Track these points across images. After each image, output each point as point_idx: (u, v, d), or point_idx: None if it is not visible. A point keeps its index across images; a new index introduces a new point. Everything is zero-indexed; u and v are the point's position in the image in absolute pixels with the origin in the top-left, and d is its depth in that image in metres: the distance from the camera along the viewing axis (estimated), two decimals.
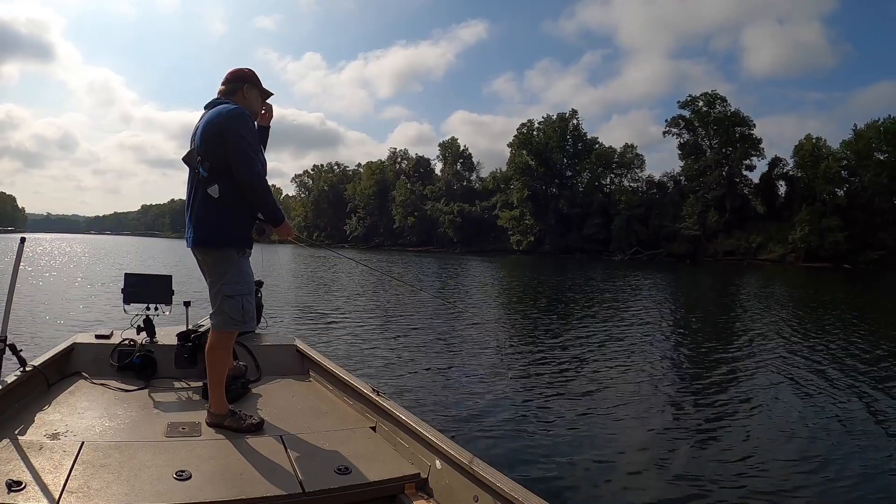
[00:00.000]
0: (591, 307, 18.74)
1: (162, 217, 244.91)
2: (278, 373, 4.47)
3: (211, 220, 3.26)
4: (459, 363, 9.38)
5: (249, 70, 3.62)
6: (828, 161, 65.90)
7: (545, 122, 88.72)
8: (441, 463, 2.81)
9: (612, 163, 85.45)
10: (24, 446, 2.76)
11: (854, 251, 60.17)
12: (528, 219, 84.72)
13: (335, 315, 14.78)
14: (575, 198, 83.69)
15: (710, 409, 7.29)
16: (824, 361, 10.32)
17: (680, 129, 77.93)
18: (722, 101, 75.15)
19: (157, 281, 4.53)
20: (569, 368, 9.36)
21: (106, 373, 4.04)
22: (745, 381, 8.74)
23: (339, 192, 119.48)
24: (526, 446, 5.62)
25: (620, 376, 8.87)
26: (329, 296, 19.91)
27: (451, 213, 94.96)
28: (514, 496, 2.30)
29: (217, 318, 3.32)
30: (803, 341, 12.52)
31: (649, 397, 7.77)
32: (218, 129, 3.22)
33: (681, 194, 76.25)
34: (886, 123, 64.38)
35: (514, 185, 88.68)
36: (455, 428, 5.91)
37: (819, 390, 8.29)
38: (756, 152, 73.70)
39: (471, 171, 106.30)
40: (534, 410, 6.89)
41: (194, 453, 2.87)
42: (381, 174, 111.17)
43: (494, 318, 15.58)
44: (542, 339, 12.13)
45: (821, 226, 62.03)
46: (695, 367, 9.85)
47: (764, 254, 66.37)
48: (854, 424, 6.73)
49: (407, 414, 3.22)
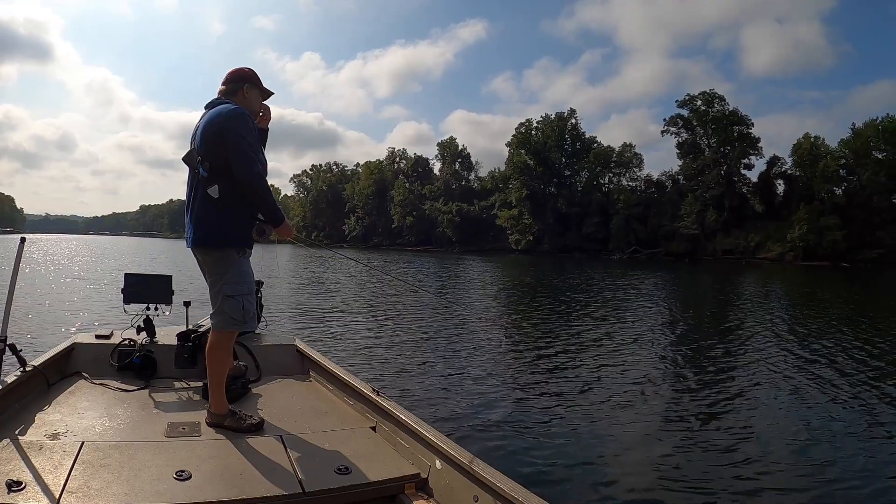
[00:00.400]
0: (591, 307, 18.73)
1: (161, 217, 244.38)
2: (278, 373, 4.46)
3: (211, 221, 3.25)
4: (460, 363, 9.37)
5: (249, 70, 3.62)
6: (826, 160, 65.94)
7: (543, 121, 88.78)
8: (441, 463, 2.80)
9: (610, 162, 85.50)
10: (24, 446, 2.75)
11: (852, 250, 60.21)
12: (526, 218, 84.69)
13: (335, 315, 14.77)
14: (573, 197, 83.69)
15: (709, 408, 7.29)
16: (824, 359, 10.34)
17: (678, 128, 78.14)
18: (720, 101, 75.41)
19: (157, 281, 4.53)
20: (569, 368, 9.35)
21: (106, 373, 4.03)
22: (745, 381, 8.73)
23: (337, 192, 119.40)
24: (526, 446, 5.62)
25: (621, 376, 8.87)
26: (328, 296, 19.88)
27: (449, 213, 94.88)
28: (514, 496, 2.30)
29: (217, 318, 3.32)
30: (803, 339, 12.55)
31: (650, 397, 7.78)
32: (218, 129, 3.22)
33: (679, 193, 76.31)
34: (885, 122, 64.49)
35: (512, 184, 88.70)
36: (455, 428, 5.90)
37: (819, 388, 8.30)
38: (754, 151, 73.89)
39: (469, 171, 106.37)
40: (534, 410, 6.89)
41: (194, 453, 2.87)
42: (379, 174, 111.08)
43: (495, 318, 15.52)
44: (542, 338, 12.11)
45: (819, 224, 62.10)
46: (695, 366, 9.84)
47: (762, 252, 66.44)
48: (854, 423, 6.74)
49: (407, 414, 3.22)
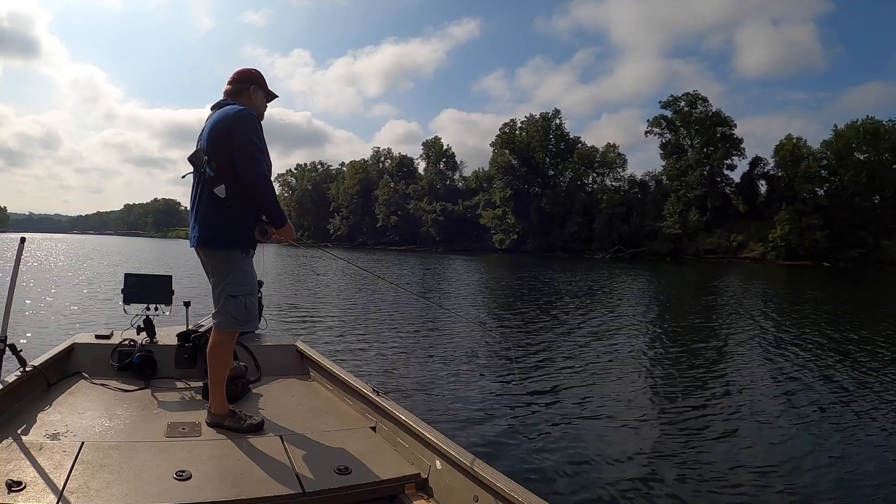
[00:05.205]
0: (583, 306, 18.79)
1: (145, 216, 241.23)
2: (278, 373, 4.47)
3: (217, 220, 3.26)
4: (459, 363, 9.37)
5: (256, 71, 3.62)
6: (808, 161, 66.66)
7: (528, 121, 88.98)
8: (441, 463, 2.82)
9: (594, 162, 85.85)
10: (24, 446, 2.75)
11: (834, 249, 60.96)
12: (509, 218, 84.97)
13: (334, 315, 14.77)
14: (557, 197, 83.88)
15: (709, 407, 7.35)
16: (810, 356, 10.51)
17: (662, 129, 78.55)
18: (703, 102, 75.95)
19: (157, 281, 4.53)
20: (569, 368, 9.37)
21: (106, 373, 4.03)
22: (742, 381, 8.80)
23: (322, 192, 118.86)
24: (526, 446, 5.64)
25: (620, 376, 8.93)
26: (325, 296, 19.79)
27: (433, 213, 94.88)
28: (514, 496, 2.32)
29: (220, 318, 3.32)
30: (787, 336, 12.71)
31: (649, 396, 7.87)
32: (226, 130, 3.23)
33: (663, 193, 76.78)
34: (865, 123, 65.33)
35: (496, 184, 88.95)
36: (455, 428, 5.91)
37: (810, 385, 8.49)
38: (737, 152, 74.52)
39: (454, 171, 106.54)
40: (534, 410, 6.91)
41: (194, 453, 2.88)
42: (364, 173, 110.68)
43: (495, 319, 15.56)
44: (541, 338, 12.13)
45: (801, 224, 62.80)
46: (695, 366, 9.88)
47: (744, 252, 67.04)
48: (842, 417, 6.89)
49: (407, 414, 3.23)
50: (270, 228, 3.37)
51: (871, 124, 65.10)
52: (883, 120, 65.83)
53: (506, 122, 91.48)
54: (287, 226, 3.39)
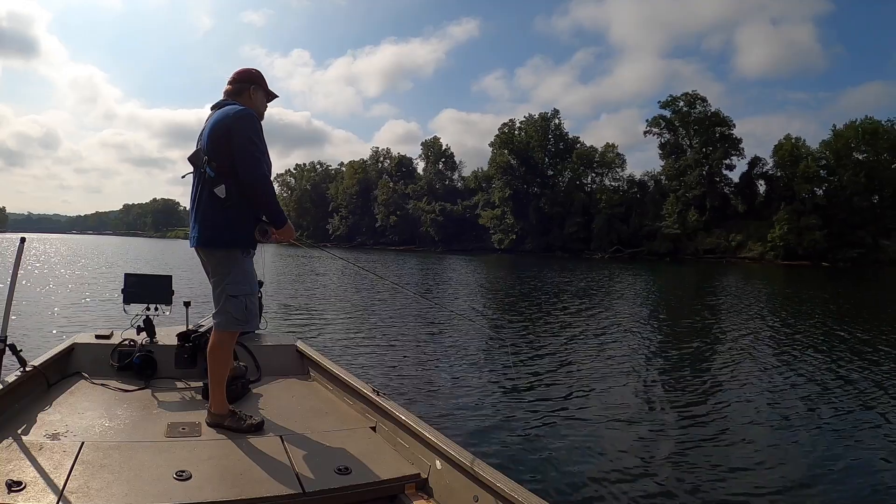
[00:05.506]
0: (583, 306, 18.77)
1: (144, 217, 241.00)
2: (279, 373, 4.47)
3: (217, 220, 3.26)
4: (460, 363, 9.36)
5: (257, 71, 3.62)
6: (807, 161, 66.76)
7: (527, 121, 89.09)
8: (441, 463, 2.82)
9: (593, 162, 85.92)
10: (24, 446, 2.75)
11: (832, 249, 61.08)
12: (508, 218, 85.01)
13: (333, 315, 14.74)
14: (556, 197, 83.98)
15: (709, 407, 7.34)
16: (809, 356, 10.51)
17: (661, 129, 78.70)
18: (702, 102, 76.13)
19: (157, 281, 4.53)
20: (569, 368, 9.36)
21: (106, 373, 4.03)
22: (743, 381, 8.78)
23: (321, 192, 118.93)
24: (526, 446, 5.63)
25: (620, 376, 8.88)
26: (325, 296, 19.75)
27: (432, 213, 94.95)
28: (514, 496, 2.32)
29: (220, 318, 3.32)
30: (786, 337, 12.73)
31: (649, 397, 7.84)
32: (226, 130, 3.23)
33: (662, 193, 76.90)
34: (863, 124, 65.42)
35: (495, 184, 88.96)
36: (455, 428, 5.89)
37: (804, 384, 8.48)
38: (736, 152, 74.67)
39: (453, 171, 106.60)
40: (534, 410, 6.88)
41: (194, 453, 2.88)
42: (363, 173, 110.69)
43: (494, 320, 15.53)
44: (540, 338, 12.11)
45: (799, 224, 62.93)
46: (694, 366, 9.86)
47: (743, 252, 67.16)
48: (841, 416, 6.89)
49: (407, 414, 3.23)
50: (270, 228, 3.37)
51: (869, 124, 65.25)
52: (882, 120, 66.20)
53: (505, 122, 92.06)
54: (287, 226, 3.39)
